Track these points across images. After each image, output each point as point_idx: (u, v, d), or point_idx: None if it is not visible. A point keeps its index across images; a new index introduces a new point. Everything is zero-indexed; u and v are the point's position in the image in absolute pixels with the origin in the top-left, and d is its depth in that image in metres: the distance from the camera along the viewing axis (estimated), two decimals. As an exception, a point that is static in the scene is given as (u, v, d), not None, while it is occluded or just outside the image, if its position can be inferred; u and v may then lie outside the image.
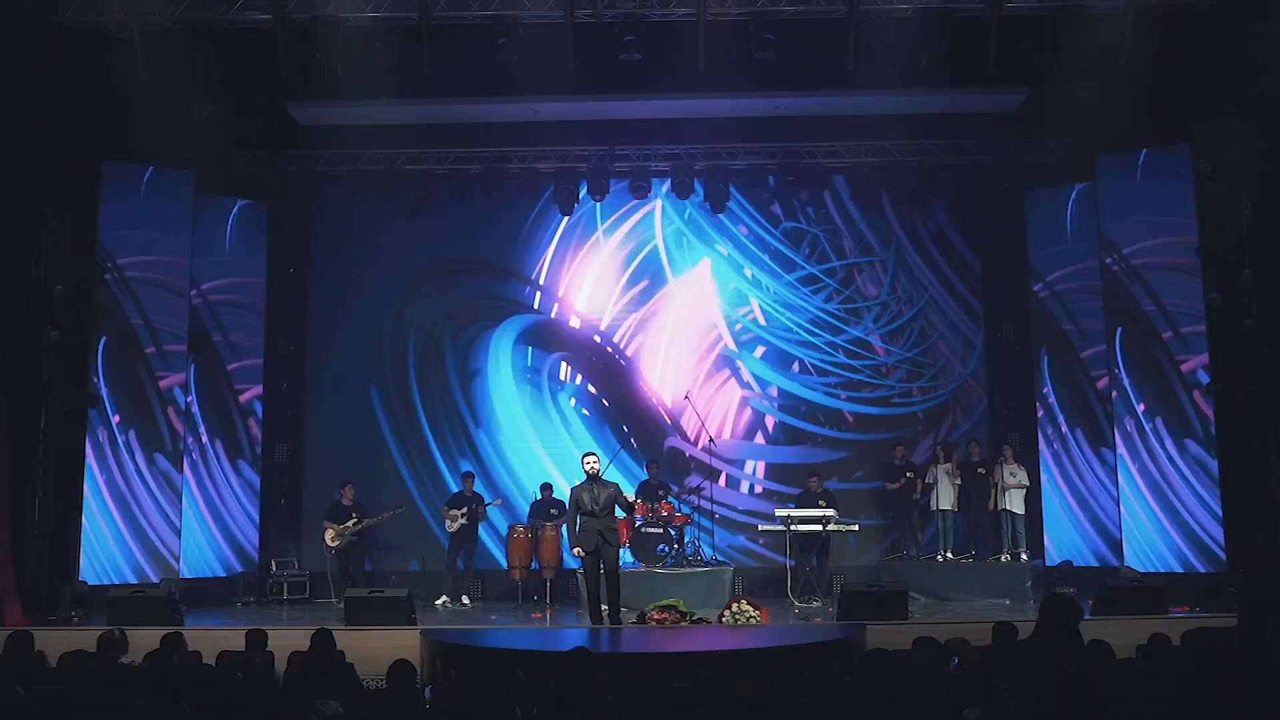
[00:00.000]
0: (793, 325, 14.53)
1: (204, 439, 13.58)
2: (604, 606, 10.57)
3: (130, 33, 10.64)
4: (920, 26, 10.82)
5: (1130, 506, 12.57)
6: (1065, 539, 13.40)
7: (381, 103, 11.97)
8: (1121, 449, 12.69)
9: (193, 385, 13.40)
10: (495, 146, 13.99)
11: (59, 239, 12.03)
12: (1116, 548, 12.81)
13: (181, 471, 13.04)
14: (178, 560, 12.85)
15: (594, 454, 11.07)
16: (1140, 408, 12.60)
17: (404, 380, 14.57)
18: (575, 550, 10.81)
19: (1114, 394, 12.83)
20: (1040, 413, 13.73)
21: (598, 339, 14.65)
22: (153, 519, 12.69)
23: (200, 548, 13.41)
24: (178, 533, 12.90)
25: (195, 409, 13.47)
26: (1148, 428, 12.53)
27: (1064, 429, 13.56)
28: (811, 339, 14.53)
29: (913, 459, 13.81)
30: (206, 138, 12.63)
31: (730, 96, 12.42)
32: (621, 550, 12.45)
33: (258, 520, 13.90)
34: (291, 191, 14.45)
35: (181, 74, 10.97)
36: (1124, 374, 12.76)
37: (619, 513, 10.88)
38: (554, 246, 14.70)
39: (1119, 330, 12.83)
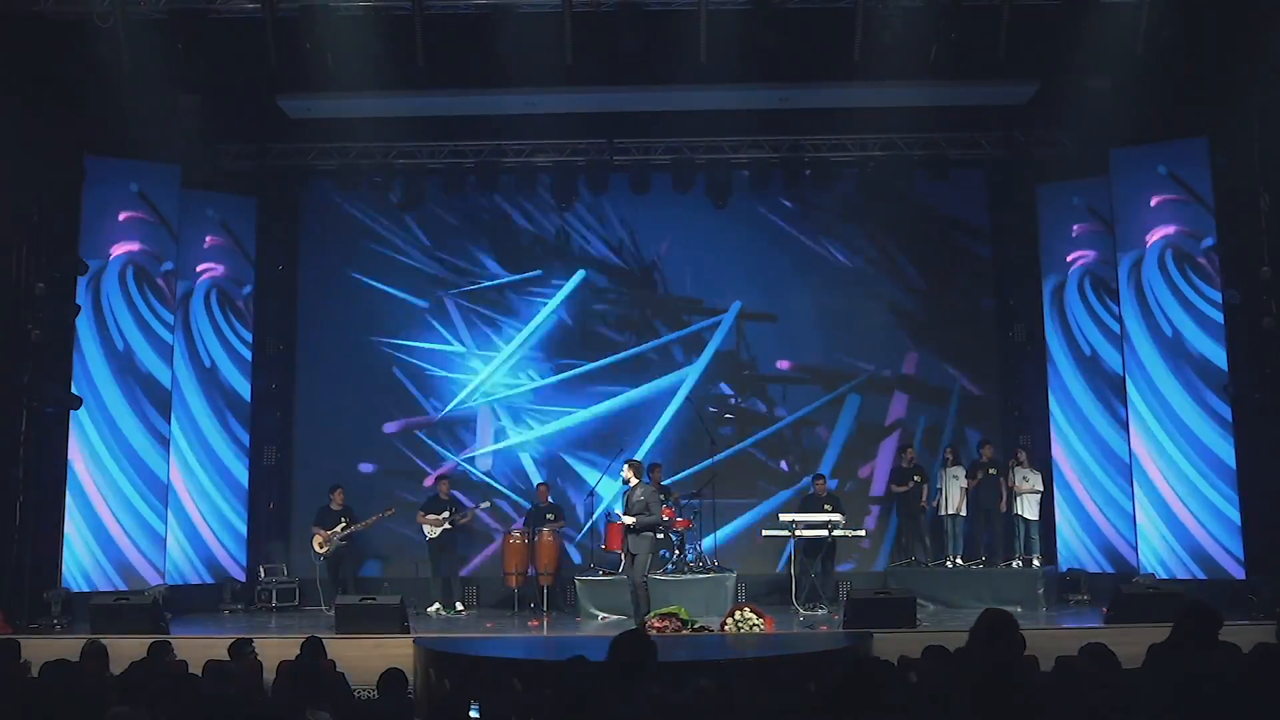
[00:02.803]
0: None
1: (190, 442, 13.57)
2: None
3: (114, 23, 10.63)
4: (929, 16, 10.82)
5: (1146, 511, 12.56)
6: (1078, 544, 13.40)
7: (373, 95, 11.96)
8: (1137, 451, 12.68)
9: (178, 386, 13.39)
10: (490, 140, 14.00)
11: (40, 236, 12.06)
12: (1132, 553, 12.80)
13: (167, 475, 13.04)
14: (163, 566, 12.84)
15: (631, 463, 11.24)
16: (1157, 409, 12.59)
17: (397, 381, 14.57)
18: None
19: (1129, 394, 12.82)
20: (1053, 414, 13.72)
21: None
22: (137, 524, 12.67)
23: (187, 554, 13.42)
24: (163, 538, 12.90)
25: (181, 411, 13.45)
26: (1164, 429, 12.52)
27: (1077, 431, 13.55)
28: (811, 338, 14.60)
29: (920, 461, 13.79)
30: (193, 131, 12.65)
31: (733, 88, 12.40)
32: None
33: (245, 525, 13.89)
34: (280, 186, 14.47)
35: (167, 65, 10.96)
36: (1140, 373, 12.74)
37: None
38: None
39: (1134, 328, 12.82)
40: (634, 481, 10.98)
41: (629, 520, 10.80)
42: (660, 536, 12.62)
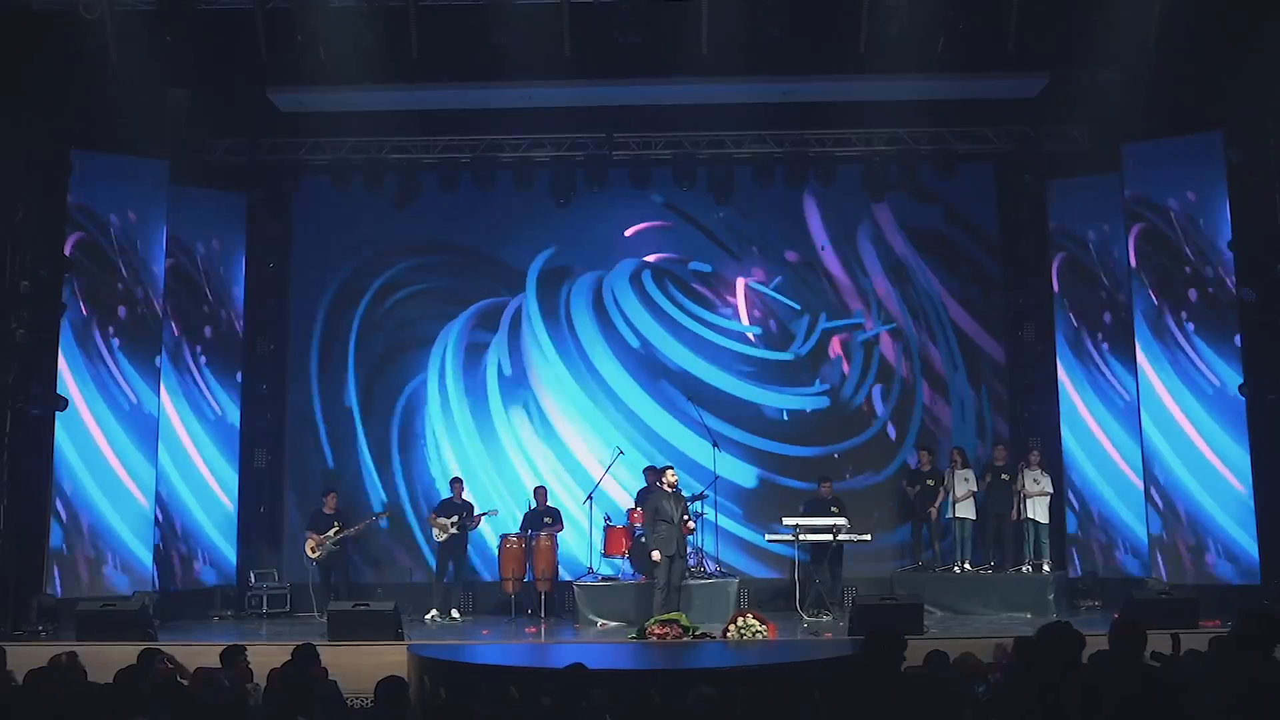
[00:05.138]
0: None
1: (179, 444, 13.56)
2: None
3: (101, 15, 10.64)
4: (936, 8, 10.83)
5: (1159, 514, 12.57)
6: (1090, 549, 13.39)
7: (366, 88, 11.98)
8: (1149, 453, 12.67)
9: (166, 387, 13.38)
10: (487, 134, 14.00)
11: (25, 232, 12.04)
12: (1144, 558, 12.80)
13: (155, 478, 13.02)
14: (151, 572, 12.82)
15: (672, 467, 12.12)
16: (1170, 409, 12.58)
17: (392, 381, 14.57)
18: (653, 554, 11.54)
19: (1141, 394, 12.82)
20: (1063, 414, 13.72)
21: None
22: (125, 528, 12.66)
23: (175, 559, 13.40)
24: (151, 543, 12.88)
25: (169, 412, 13.44)
26: (1177, 430, 12.51)
27: (1088, 432, 13.54)
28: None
29: (938, 464, 13.74)
30: (182, 125, 12.65)
31: (736, 81, 12.41)
32: (623, 561, 12.78)
33: (236, 530, 13.88)
34: (271, 182, 14.44)
35: (155, 58, 10.97)
36: (1152, 375, 12.74)
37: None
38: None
39: (1146, 328, 12.81)
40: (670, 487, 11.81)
41: (693, 525, 12.04)
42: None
